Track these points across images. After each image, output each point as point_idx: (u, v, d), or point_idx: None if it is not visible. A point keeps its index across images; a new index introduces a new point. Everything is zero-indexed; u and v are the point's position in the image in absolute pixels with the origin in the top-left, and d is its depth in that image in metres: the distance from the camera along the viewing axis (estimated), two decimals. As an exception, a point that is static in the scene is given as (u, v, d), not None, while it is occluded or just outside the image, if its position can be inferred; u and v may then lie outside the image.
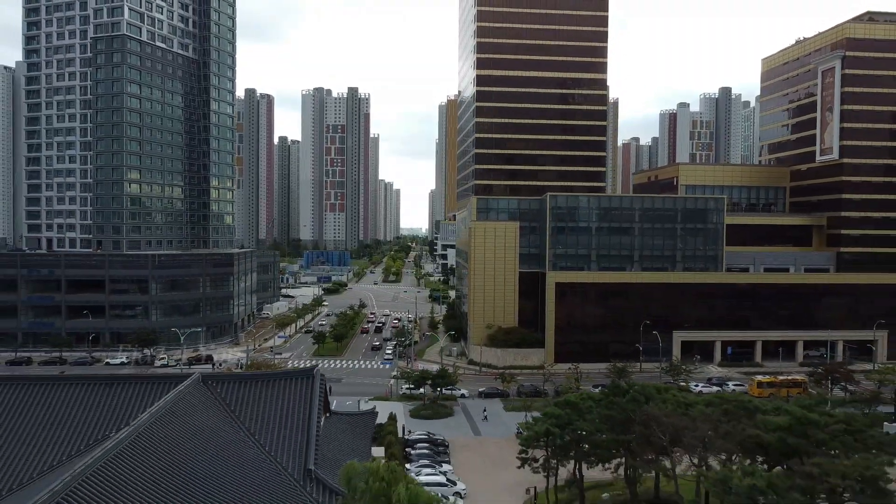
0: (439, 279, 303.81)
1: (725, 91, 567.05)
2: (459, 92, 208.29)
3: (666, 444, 38.29)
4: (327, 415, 48.53)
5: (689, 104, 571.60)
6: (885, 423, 70.89)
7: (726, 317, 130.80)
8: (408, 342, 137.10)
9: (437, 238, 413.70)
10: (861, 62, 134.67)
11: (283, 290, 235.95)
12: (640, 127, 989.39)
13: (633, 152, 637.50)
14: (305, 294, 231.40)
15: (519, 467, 52.55)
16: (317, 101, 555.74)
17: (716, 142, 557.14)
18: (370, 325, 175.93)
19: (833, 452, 37.56)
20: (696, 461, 35.20)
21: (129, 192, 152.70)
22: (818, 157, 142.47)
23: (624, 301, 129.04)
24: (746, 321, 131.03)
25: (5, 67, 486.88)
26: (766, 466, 38.27)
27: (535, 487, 54.59)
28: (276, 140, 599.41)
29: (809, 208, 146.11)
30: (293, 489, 37.65)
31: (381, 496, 33.10)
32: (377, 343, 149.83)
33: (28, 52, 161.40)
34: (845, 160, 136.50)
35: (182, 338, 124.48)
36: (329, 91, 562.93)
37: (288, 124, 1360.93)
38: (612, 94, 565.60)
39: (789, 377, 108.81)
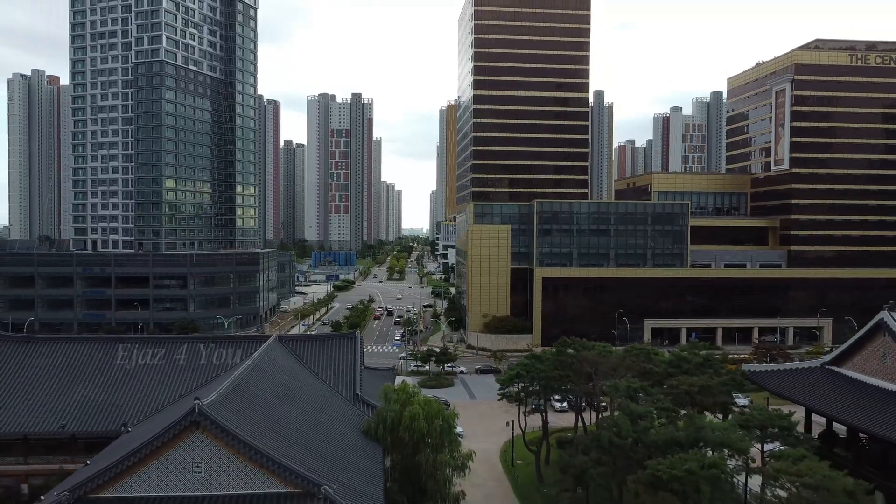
0: (441, 277, 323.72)
1: (717, 95, 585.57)
2: (458, 97, 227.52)
3: (591, 373, 57.99)
4: (363, 367, 68.28)
5: (681, 108, 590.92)
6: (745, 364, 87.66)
7: (691, 307, 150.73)
8: (414, 330, 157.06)
9: (438, 238, 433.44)
10: (807, 85, 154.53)
11: (297, 288, 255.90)
12: (640, 128, 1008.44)
13: (628, 154, 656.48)
14: (317, 291, 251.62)
15: (499, 399, 72.93)
16: (322, 107, 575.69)
17: (707, 144, 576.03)
18: (380, 316, 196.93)
19: (694, 376, 57.68)
20: (608, 384, 54.26)
21: (166, 199, 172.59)
22: (773, 167, 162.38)
23: (602, 293, 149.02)
24: (709, 310, 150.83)
25: (22, 75, 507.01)
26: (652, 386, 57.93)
27: (513, 422, 74.56)
28: (282, 144, 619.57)
29: (766, 212, 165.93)
30: (348, 405, 57.81)
31: (405, 402, 53.03)
32: (398, 319, 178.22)
33: (74, 75, 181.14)
34: (794, 170, 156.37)
35: (227, 324, 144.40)
36: (333, 97, 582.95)
37: (292, 126, 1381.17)
38: (608, 99, 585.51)
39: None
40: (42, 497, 40.59)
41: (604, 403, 65.16)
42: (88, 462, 47.16)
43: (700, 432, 42.15)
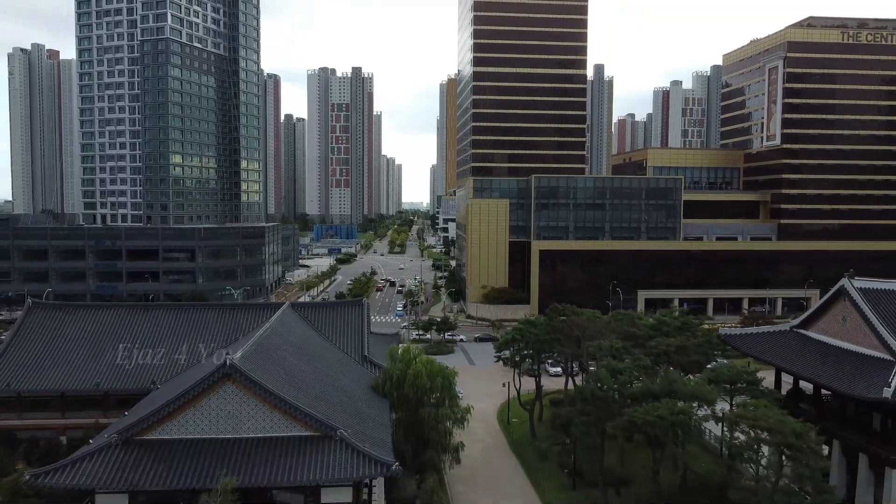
0: (441, 250, 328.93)
1: (717, 69, 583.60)
2: (459, 71, 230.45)
3: (579, 336, 63.30)
4: (369, 332, 73.48)
5: (681, 82, 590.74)
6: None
7: (683, 278, 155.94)
8: (415, 301, 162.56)
9: (438, 212, 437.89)
10: (800, 62, 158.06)
11: (300, 261, 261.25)
12: (643, 103, 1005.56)
13: (628, 128, 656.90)
14: (320, 264, 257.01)
15: (496, 362, 78.61)
16: (322, 81, 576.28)
17: (707, 118, 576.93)
18: (382, 287, 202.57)
19: (672, 338, 63.04)
20: (593, 345, 59.60)
21: (174, 174, 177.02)
22: (765, 143, 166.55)
23: (597, 265, 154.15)
24: (700, 282, 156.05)
25: (22, 50, 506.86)
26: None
27: (508, 383, 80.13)
28: (282, 118, 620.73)
29: (758, 186, 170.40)
30: (357, 365, 63.20)
31: (409, 362, 58.35)
32: (400, 288, 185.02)
33: (80, 52, 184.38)
34: (785, 145, 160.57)
35: (236, 295, 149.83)
36: (333, 70, 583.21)
37: (291, 100, 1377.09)
38: (608, 73, 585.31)
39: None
40: (91, 440, 46.05)
41: (592, 368, 70.63)
42: (126, 413, 52.59)
43: (673, 385, 47.43)
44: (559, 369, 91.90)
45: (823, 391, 57.65)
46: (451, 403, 60.46)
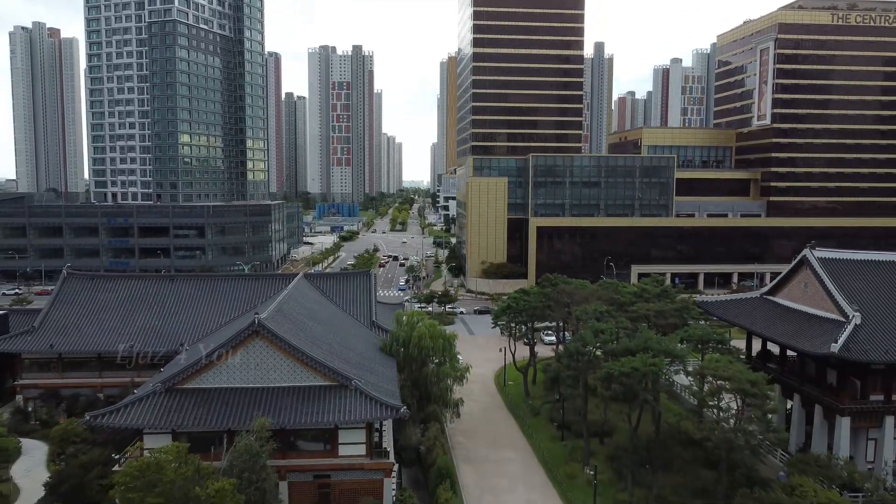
0: (442, 228, 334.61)
1: (716, 47, 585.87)
2: (459, 49, 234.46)
3: (568, 302, 69.51)
4: (376, 301, 79.58)
5: (681, 59, 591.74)
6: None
7: (675, 253, 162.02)
8: (417, 276, 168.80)
9: (439, 191, 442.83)
10: (790, 43, 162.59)
11: (304, 238, 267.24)
12: (645, 80, 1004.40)
13: (628, 106, 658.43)
14: (324, 241, 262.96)
15: (493, 327, 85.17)
16: (323, 59, 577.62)
17: (706, 96, 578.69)
18: (385, 263, 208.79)
19: (651, 303, 69.26)
20: (579, 308, 65.91)
21: (182, 153, 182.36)
22: (755, 122, 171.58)
23: (592, 241, 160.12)
24: (691, 257, 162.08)
25: (23, 28, 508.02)
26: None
27: (504, 348, 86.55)
28: (283, 96, 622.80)
29: (749, 165, 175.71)
30: (365, 329, 69.41)
31: (414, 325, 64.55)
32: (403, 262, 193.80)
33: (89, 34, 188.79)
34: (775, 125, 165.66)
35: (246, 270, 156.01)
36: (334, 48, 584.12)
37: (291, 78, 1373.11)
38: (608, 51, 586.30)
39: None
40: (135, 390, 52.32)
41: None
42: (161, 370, 58.85)
43: (647, 342, 53.56)
44: (554, 338, 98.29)
45: (789, 352, 63.91)
46: (452, 363, 66.83)
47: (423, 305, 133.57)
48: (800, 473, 46.81)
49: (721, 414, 48.83)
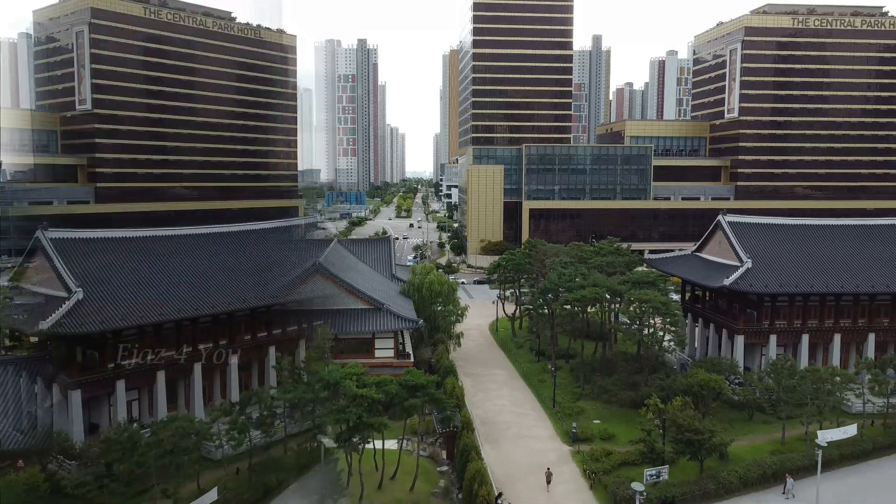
0: (445, 215, 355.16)
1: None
2: (460, 42, 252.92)
3: (543, 258, 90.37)
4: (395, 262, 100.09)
5: (677, 51, 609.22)
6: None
7: (653, 232, 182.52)
8: (423, 254, 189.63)
9: (442, 179, 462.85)
10: (755, 45, 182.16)
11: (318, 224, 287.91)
12: (644, 71, 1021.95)
13: (626, 97, 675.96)
14: (335, 227, 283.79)
15: (489, 285, 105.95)
16: (328, 53, 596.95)
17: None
18: (397, 239, 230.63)
19: (605, 257, 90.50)
20: (551, 260, 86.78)
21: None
22: (726, 115, 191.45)
23: (579, 221, 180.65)
24: (668, 235, 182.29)
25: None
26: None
27: (496, 301, 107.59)
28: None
29: (721, 153, 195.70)
30: (388, 280, 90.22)
31: (425, 274, 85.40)
32: (406, 237, 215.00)
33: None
34: (742, 118, 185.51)
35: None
36: (339, 42, 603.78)
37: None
38: (606, 44, 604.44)
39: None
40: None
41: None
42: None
43: (595, 280, 74.29)
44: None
45: (708, 294, 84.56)
46: (454, 305, 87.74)
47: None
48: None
49: (647, 330, 69.60)
